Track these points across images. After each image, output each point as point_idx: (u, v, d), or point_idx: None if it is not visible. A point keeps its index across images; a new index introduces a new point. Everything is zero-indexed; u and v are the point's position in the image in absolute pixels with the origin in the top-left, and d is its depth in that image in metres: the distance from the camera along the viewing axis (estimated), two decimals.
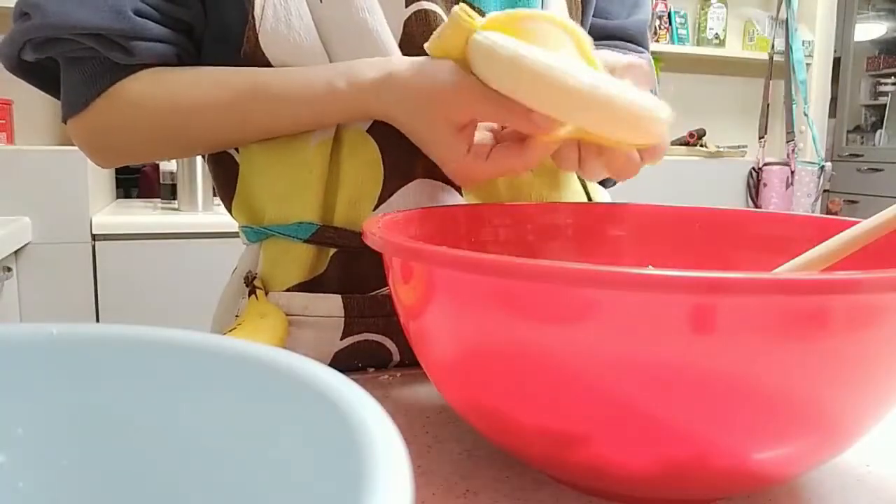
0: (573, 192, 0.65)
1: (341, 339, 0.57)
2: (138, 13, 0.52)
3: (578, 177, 0.65)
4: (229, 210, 0.62)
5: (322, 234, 0.56)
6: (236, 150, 0.59)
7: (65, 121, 0.58)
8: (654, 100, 0.44)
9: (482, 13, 0.57)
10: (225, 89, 0.54)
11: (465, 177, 0.53)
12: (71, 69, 0.56)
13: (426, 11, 0.56)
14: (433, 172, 0.57)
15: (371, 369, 0.59)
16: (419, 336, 0.38)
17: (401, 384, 0.55)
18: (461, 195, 0.58)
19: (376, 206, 0.56)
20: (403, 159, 0.56)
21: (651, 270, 0.27)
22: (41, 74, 0.58)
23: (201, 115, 0.54)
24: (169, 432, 0.24)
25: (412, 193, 0.57)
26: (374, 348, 0.58)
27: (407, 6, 0.56)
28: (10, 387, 0.24)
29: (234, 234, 0.64)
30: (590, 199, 0.66)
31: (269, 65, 0.54)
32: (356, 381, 0.21)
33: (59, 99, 0.58)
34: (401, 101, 0.51)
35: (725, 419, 0.30)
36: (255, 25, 0.53)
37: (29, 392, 0.24)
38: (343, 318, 0.57)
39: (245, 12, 0.53)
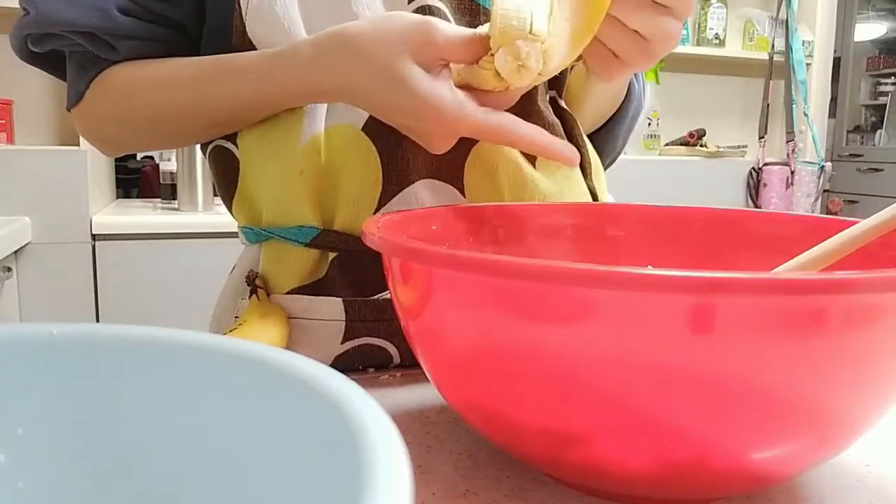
0: (578, 192, 0.64)
1: (342, 343, 0.57)
2: (123, 11, 0.54)
3: (584, 178, 0.65)
4: (230, 209, 0.62)
5: (323, 238, 0.56)
6: (236, 145, 0.58)
7: (69, 110, 0.60)
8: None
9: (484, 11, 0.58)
10: (190, 66, 0.54)
11: (451, 126, 0.46)
12: (70, 61, 0.58)
13: (430, 8, 0.55)
14: (434, 173, 0.57)
15: (371, 370, 0.59)
16: (419, 336, 0.38)
17: (401, 384, 0.55)
18: (463, 196, 0.58)
19: (376, 210, 0.56)
20: (402, 159, 0.55)
21: (651, 270, 0.27)
22: (55, 61, 0.60)
23: (170, 91, 0.55)
24: (168, 432, 0.24)
25: (413, 196, 0.56)
26: (375, 352, 0.58)
27: (409, 3, 0.55)
28: (10, 387, 0.24)
29: (234, 234, 0.64)
30: (595, 198, 0.66)
31: None
32: (356, 381, 0.21)
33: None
34: (356, 57, 0.47)
35: (725, 419, 0.30)
36: (241, 14, 0.53)
37: (29, 392, 0.24)
38: (344, 322, 0.56)
39: (235, 2, 0.53)
